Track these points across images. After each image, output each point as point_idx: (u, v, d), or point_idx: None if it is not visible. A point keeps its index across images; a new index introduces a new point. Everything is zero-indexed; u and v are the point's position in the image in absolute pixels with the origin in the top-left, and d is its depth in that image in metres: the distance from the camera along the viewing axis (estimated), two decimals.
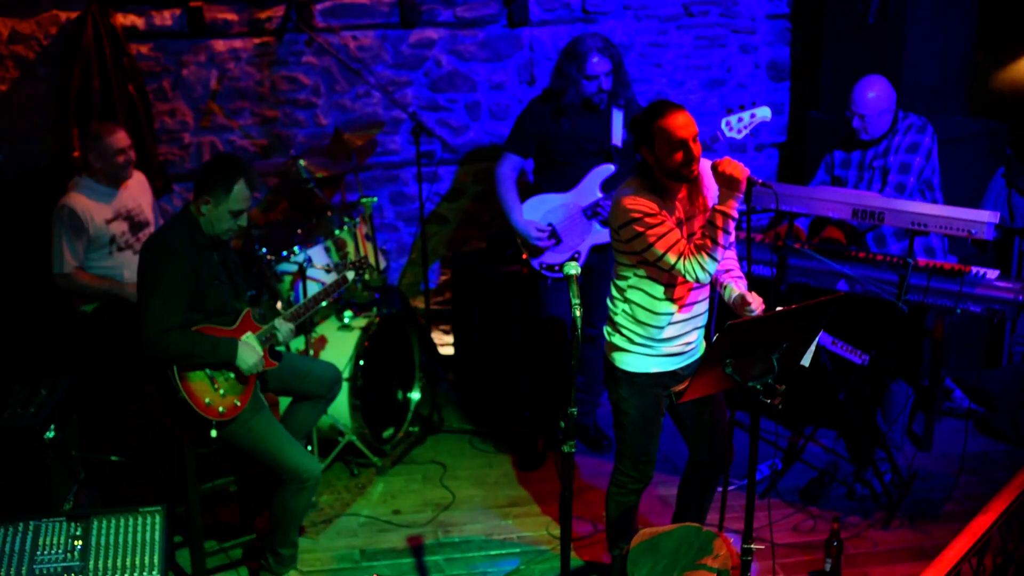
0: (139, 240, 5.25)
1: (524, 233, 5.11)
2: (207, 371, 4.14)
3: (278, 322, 4.36)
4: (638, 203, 3.75)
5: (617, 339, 3.99)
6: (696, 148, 3.73)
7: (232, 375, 4.21)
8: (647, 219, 3.73)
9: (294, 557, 4.50)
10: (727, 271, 4.01)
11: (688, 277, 3.76)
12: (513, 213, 5.12)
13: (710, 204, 3.93)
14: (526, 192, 5.19)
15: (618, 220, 3.80)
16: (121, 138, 5.13)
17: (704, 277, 3.75)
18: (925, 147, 5.08)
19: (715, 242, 3.72)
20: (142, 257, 4.17)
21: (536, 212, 5.13)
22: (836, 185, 5.26)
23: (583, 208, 5.09)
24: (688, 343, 4.00)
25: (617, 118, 5.07)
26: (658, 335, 3.92)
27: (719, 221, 3.72)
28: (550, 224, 5.12)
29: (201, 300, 4.16)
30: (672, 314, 3.91)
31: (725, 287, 3.98)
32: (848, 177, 5.26)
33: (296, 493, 4.33)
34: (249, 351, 4.21)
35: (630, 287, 3.91)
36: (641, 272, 3.87)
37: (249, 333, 4.27)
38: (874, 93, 5.05)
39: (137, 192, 5.31)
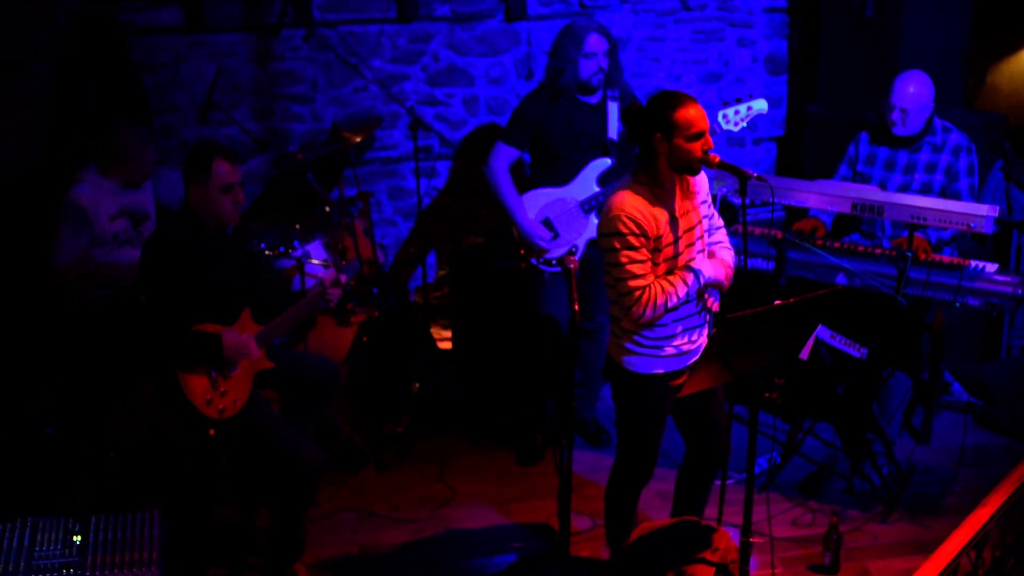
0: (139, 234, 5.22)
1: (528, 233, 5.09)
2: (209, 372, 4.14)
3: None
4: (627, 222, 3.71)
5: (624, 341, 3.96)
6: (710, 140, 3.74)
7: (234, 373, 4.21)
8: (630, 238, 3.71)
9: (301, 546, 4.50)
10: (718, 242, 4.04)
11: (633, 309, 3.76)
12: (516, 212, 5.10)
13: (698, 200, 3.91)
14: (521, 186, 5.18)
15: (604, 226, 3.79)
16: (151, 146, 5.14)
17: (648, 316, 3.76)
18: (976, 167, 5.11)
19: (677, 295, 3.77)
20: (144, 256, 4.18)
21: (533, 206, 5.13)
22: (859, 181, 5.23)
23: (580, 202, 5.08)
24: (693, 340, 3.98)
25: (613, 111, 5.06)
26: (665, 332, 3.90)
27: (691, 281, 3.79)
28: (547, 218, 5.11)
29: (201, 296, 4.16)
30: (676, 308, 3.89)
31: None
32: (873, 174, 5.21)
33: (301, 483, 4.32)
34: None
35: None
36: None
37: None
38: (915, 88, 5.01)
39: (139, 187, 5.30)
